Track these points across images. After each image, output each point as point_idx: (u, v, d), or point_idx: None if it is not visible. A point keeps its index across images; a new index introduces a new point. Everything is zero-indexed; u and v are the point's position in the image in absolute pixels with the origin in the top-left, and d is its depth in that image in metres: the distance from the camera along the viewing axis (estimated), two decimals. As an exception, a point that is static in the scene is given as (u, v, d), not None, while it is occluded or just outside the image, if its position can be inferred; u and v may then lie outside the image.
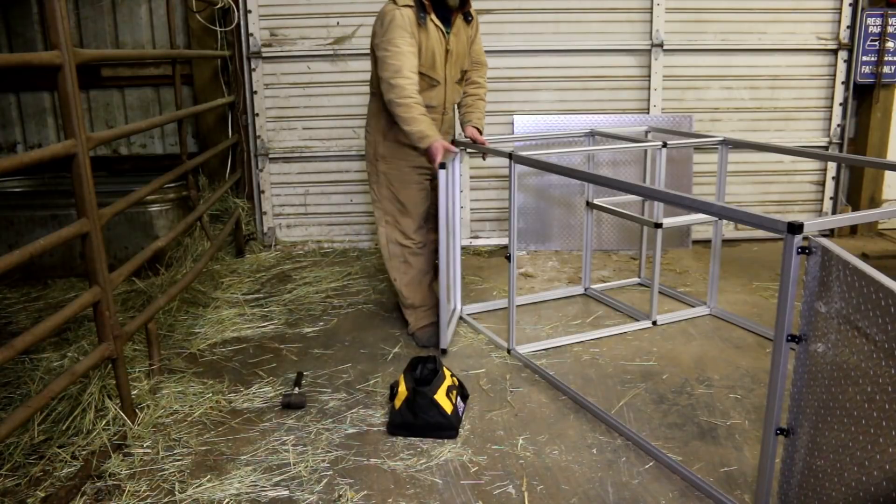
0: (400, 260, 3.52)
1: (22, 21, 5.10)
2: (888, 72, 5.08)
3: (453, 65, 3.35)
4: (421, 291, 3.54)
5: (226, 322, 3.77)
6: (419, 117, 3.12)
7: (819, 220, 2.06)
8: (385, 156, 3.41)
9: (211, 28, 4.89)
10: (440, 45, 3.26)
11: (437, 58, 3.26)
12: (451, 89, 3.42)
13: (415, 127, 3.12)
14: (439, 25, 3.23)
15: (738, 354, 3.35)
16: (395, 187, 3.43)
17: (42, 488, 2.34)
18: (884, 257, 4.78)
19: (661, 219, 3.60)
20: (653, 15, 4.99)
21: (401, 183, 3.43)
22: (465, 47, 3.42)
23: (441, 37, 3.25)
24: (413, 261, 3.51)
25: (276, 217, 5.27)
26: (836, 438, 1.78)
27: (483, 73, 3.63)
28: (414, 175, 3.43)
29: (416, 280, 3.52)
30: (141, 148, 5.38)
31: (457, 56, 3.36)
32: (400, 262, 3.52)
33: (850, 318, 1.72)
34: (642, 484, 2.39)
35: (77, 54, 2.41)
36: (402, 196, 3.44)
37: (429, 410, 2.65)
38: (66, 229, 2.38)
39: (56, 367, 3.10)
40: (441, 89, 3.35)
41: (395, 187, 3.43)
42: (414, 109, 3.12)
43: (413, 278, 3.52)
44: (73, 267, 4.42)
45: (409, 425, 2.68)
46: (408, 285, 3.53)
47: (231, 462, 2.53)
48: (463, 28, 3.37)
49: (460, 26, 3.35)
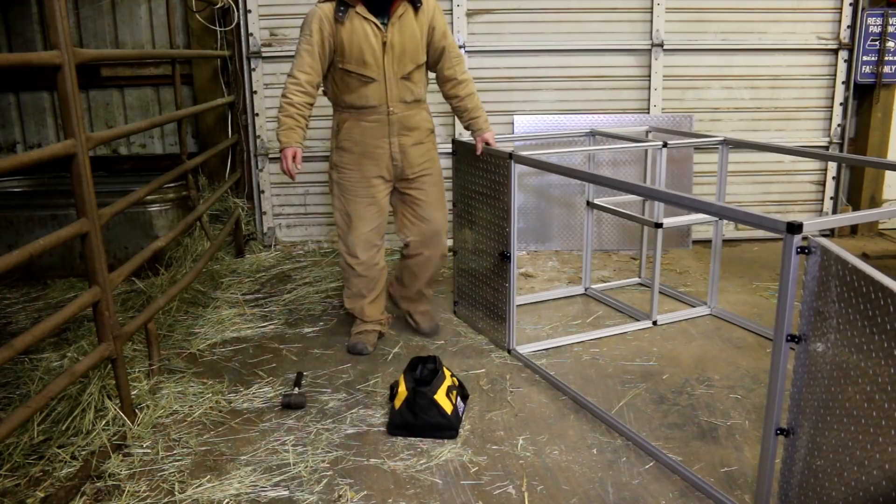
0: (344, 276, 3.43)
1: (22, 21, 5.10)
2: (888, 72, 5.08)
3: (396, 59, 3.09)
4: (359, 308, 3.43)
5: (226, 322, 3.77)
6: (284, 119, 3.07)
7: (818, 219, 2.05)
8: (336, 164, 3.28)
9: (211, 28, 4.89)
10: (374, 38, 3.04)
11: (369, 53, 3.05)
12: (395, 86, 3.13)
13: (277, 128, 3.09)
14: (369, 17, 3.02)
15: (738, 354, 3.35)
16: (345, 198, 3.27)
17: (42, 488, 2.34)
18: (884, 257, 4.78)
19: (662, 219, 3.60)
20: (653, 15, 4.99)
21: (350, 194, 3.26)
22: (417, 39, 3.12)
23: (374, 29, 3.03)
24: (355, 282, 3.37)
25: (275, 217, 5.27)
26: (835, 438, 1.78)
27: (462, 67, 3.31)
28: (361, 187, 3.25)
29: (356, 297, 3.42)
30: (141, 148, 5.38)
31: (402, 50, 3.10)
32: (344, 278, 3.44)
33: (849, 318, 1.72)
34: (642, 484, 2.38)
35: (77, 54, 2.41)
36: (349, 208, 3.27)
37: (429, 411, 2.65)
38: (65, 229, 2.38)
39: (56, 368, 3.10)
40: (379, 86, 3.11)
41: (344, 198, 3.27)
42: (284, 110, 3.08)
43: (354, 295, 3.42)
44: (72, 267, 4.42)
45: (409, 425, 2.68)
46: (349, 298, 3.45)
47: (231, 462, 2.53)
48: (410, 18, 3.10)
49: (406, 16, 3.09)
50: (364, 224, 3.27)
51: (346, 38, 3.03)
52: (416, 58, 3.16)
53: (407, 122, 3.22)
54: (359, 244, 3.28)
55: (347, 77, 3.11)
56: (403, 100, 3.18)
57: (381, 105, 3.15)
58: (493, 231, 3.37)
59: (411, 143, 3.26)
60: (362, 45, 3.04)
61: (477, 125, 3.35)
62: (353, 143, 3.21)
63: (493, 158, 3.31)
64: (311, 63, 3.07)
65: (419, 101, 3.27)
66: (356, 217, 3.26)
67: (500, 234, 3.33)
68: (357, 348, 3.39)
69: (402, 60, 3.11)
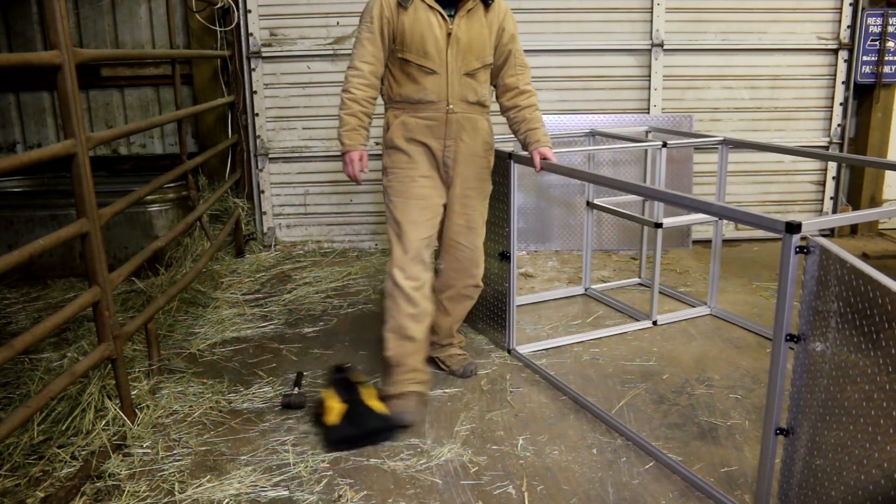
0: (387, 304, 2.87)
1: (22, 21, 5.10)
2: (888, 71, 5.08)
3: (461, 54, 2.82)
4: (401, 352, 2.85)
5: (226, 322, 3.77)
6: (346, 118, 2.80)
7: (817, 219, 2.05)
8: (387, 167, 2.94)
9: (211, 28, 4.89)
10: (438, 29, 2.78)
11: (432, 43, 2.77)
12: (457, 82, 2.84)
13: (340, 127, 2.82)
14: (435, 6, 2.77)
15: (738, 354, 3.35)
16: (395, 202, 2.89)
17: (42, 488, 2.34)
18: (884, 257, 4.78)
19: (662, 219, 3.60)
20: (653, 15, 4.99)
21: (400, 196, 2.88)
22: (485, 37, 2.87)
23: (439, 20, 2.78)
24: (402, 308, 2.82)
25: (275, 217, 5.27)
26: (835, 438, 1.78)
27: (526, 77, 3.04)
28: (415, 187, 2.88)
29: (398, 334, 2.85)
30: (141, 148, 5.38)
31: (468, 45, 2.83)
32: (387, 308, 2.88)
33: (849, 318, 1.72)
34: (642, 484, 2.38)
35: (77, 54, 2.41)
36: (399, 214, 2.86)
37: (370, 418, 2.63)
38: (65, 229, 2.38)
39: (56, 368, 3.09)
40: (440, 80, 2.81)
41: (394, 203, 2.89)
42: (346, 107, 2.81)
43: (396, 330, 2.84)
44: (72, 267, 4.42)
45: (352, 438, 2.60)
46: (392, 334, 2.86)
47: (231, 462, 2.53)
48: (479, 15, 2.85)
49: (475, 12, 2.84)
50: (416, 230, 2.85)
51: (407, 25, 2.76)
52: (482, 56, 2.89)
53: (467, 125, 2.90)
54: (409, 254, 2.82)
55: (406, 67, 2.82)
56: (466, 98, 2.87)
57: (440, 101, 2.84)
58: (493, 231, 3.36)
59: (467, 153, 2.92)
60: (425, 34, 2.77)
61: (535, 137, 3.03)
62: (405, 141, 2.87)
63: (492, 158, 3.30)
64: (373, 52, 2.80)
65: (482, 105, 2.96)
66: (407, 222, 2.85)
67: (500, 234, 3.33)
68: (402, 420, 2.74)
69: (468, 56, 2.84)
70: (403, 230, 2.84)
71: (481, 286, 3.14)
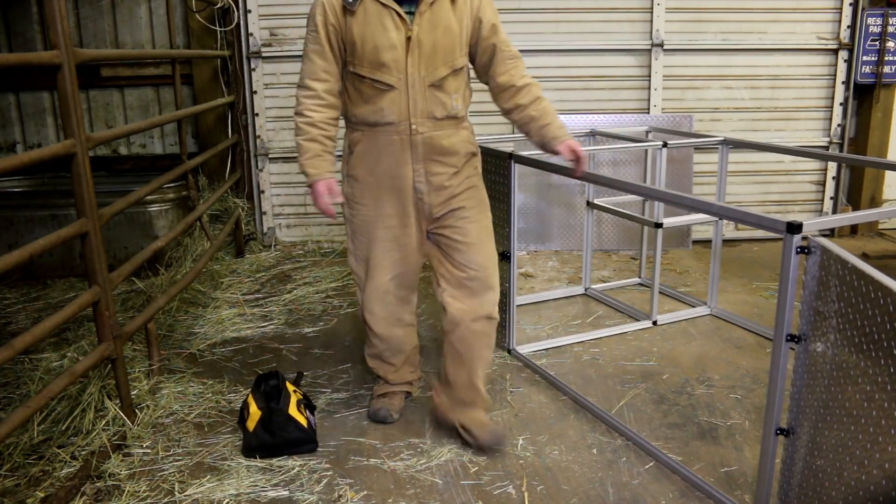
0: (367, 334, 2.76)
1: (21, 20, 5.10)
2: (888, 71, 5.08)
3: (424, 61, 2.35)
4: (382, 371, 2.83)
5: (225, 322, 3.77)
6: (305, 144, 2.39)
7: (818, 219, 2.05)
8: (348, 197, 2.56)
9: (211, 28, 4.89)
10: (394, 33, 2.30)
11: (387, 50, 2.31)
12: (420, 97, 2.37)
13: (300, 156, 2.41)
14: (389, 2, 2.30)
15: (738, 354, 3.35)
16: (359, 240, 2.57)
17: (41, 488, 2.34)
18: (884, 257, 4.78)
19: (662, 219, 3.60)
20: (653, 15, 4.99)
21: (364, 235, 2.55)
22: (454, 35, 2.38)
23: (395, 20, 2.30)
24: (375, 343, 2.74)
25: (275, 217, 5.27)
26: (835, 438, 1.78)
27: (520, 70, 2.53)
28: (380, 227, 2.51)
29: (377, 358, 2.81)
30: (141, 148, 5.38)
31: (432, 49, 2.35)
32: (368, 335, 2.76)
33: (849, 318, 1.72)
34: (642, 484, 2.38)
35: (77, 54, 2.41)
36: (361, 253, 2.59)
37: (286, 427, 2.54)
38: (65, 229, 2.38)
39: (56, 368, 3.09)
40: (399, 96, 2.35)
41: (358, 240, 2.58)
42: (303, 132, 2.39)
43: (375, 356, 2.81)
44: (72, 267, 4.42)
45: (266, 446, 2.53)
46: (370, 357, 2.83)
47: (231, 462, 2.53)
48: (445, 6, 2.36)
49: (441, 4, 2.35)
50: (382, 273, 2.55)
51: (357, 30, 2.31)
52: (451, 60, 2.40)
53: (436, 145, 2.44)
54: (376, 298, 2.59)
55: (359, 83, 2.39)
56: (432, 115, 2.41)
57: (401, 121, 2.39)
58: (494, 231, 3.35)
59: (443, 173, 2.47)
60: (378, 41, 2.30)
61: (551, 133, 2.52)
62: (367, 172, 2.47)
63: (493, 158, 3.30)
64: (324, 66, 2.39)
65: (456, 119, 2.48)
66: (373, 265, 2.55)
67: (501, 234, 3.33)
68: (380, 416, 2.77)
69: (433, 63, 2.36)
70: (370, 273, 2.57)
71: (496, 318, 2.60)
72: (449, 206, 2.51)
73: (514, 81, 2.51)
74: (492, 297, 2.57)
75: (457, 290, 2.54)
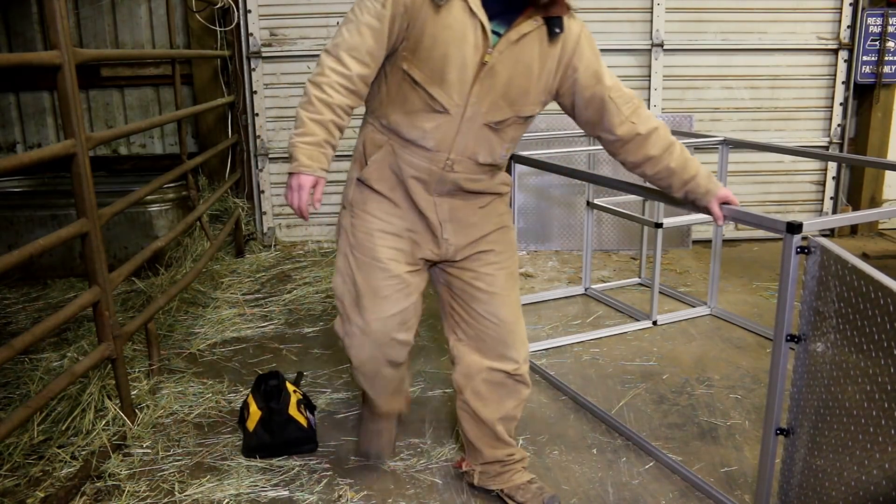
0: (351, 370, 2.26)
1: (22, 20, 5.10)
2: (888, 71, 5.07)
3: (491, 94, 1.94)
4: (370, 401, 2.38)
5: (225, 322, 3.77)
6: (312, 125, 1.88)
7: (818, 219, 2.06)
8: (353, 203, 2.11)
9: (211, 28, 4.89)
10: (471, 49, 1.89)
11: (456, 68, 1.89)
12: (473, 134, 1.98)
13: (297, 135, 1.88)
14: (479, 13, 1.87)
15: (738, 354, 3.35)
16: (356, 258, 2.08)
17: (41, 488, 2.34)
18: (884, 257, 4.78)
19: (662, 219, 3.60)
20: (653, 15, 4.99)
21: (362, 255, 2.06)
22: (533, 78, 1.98)
23: (478, 37, 1.89)
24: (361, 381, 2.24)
25: (276, 217, 5.27)
26: (835, 438, 1.78)
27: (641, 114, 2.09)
28: (385, 247, 2.05)
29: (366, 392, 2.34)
30: (141, 148, 5.38)
31: (506, 85, 1.95)
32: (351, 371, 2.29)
33: (849, 318, 1.72)
34: (642, 484, 2.38)
35: (77, 54, 2.41)
36: (356, 275, 2.07)
37: (286, 427, 2.54)
38: (65, 229, 2.38)
39: (56, 368, 3.10)
40: (450, 125, 1.95)
41: (354, 257, 2.08)
42: (314, 109, 1.88)
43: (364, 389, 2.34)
44: (72, 267, 4.42)
45: (266, 446, 2.53)
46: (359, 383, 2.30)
47: (231, 462, 2.53)
48: (534, 43, 1.94)
49: (533, 37, 1.94)
50: (380, 306, 2.05)
51: (431, 30, 1.88)
52: (521, 104, 2.01)
53: (466, 187, 2.07)
54: (370, 334, 2.07)
55: (409, 88, 1.95)
56: (475, 157, 2.02)
57: (439, 151, 1.99)
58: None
59: (467, 210, 2.10)
60: (450, 51, 1.88)
61: (702, 188, 2.10)
62: (384, 183, 2.06)
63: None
64: (371, 48, 1.89)
65: (494, 169, 2.11)
66: (368, 294, 2.05)
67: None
68: (371, 455, 2.47)
69: (500, 101, 1.97)
70: (363, 304, 2.06)
71: (523, 376, 2.18)
72: (476, 247, 2.13)
73: (637, 129, 2.07)
74: (518, 353, 2.16)
75: (475, 343, 2.16)
